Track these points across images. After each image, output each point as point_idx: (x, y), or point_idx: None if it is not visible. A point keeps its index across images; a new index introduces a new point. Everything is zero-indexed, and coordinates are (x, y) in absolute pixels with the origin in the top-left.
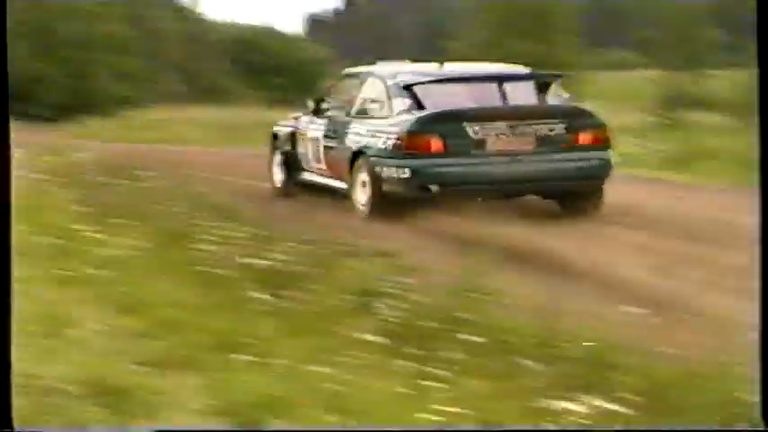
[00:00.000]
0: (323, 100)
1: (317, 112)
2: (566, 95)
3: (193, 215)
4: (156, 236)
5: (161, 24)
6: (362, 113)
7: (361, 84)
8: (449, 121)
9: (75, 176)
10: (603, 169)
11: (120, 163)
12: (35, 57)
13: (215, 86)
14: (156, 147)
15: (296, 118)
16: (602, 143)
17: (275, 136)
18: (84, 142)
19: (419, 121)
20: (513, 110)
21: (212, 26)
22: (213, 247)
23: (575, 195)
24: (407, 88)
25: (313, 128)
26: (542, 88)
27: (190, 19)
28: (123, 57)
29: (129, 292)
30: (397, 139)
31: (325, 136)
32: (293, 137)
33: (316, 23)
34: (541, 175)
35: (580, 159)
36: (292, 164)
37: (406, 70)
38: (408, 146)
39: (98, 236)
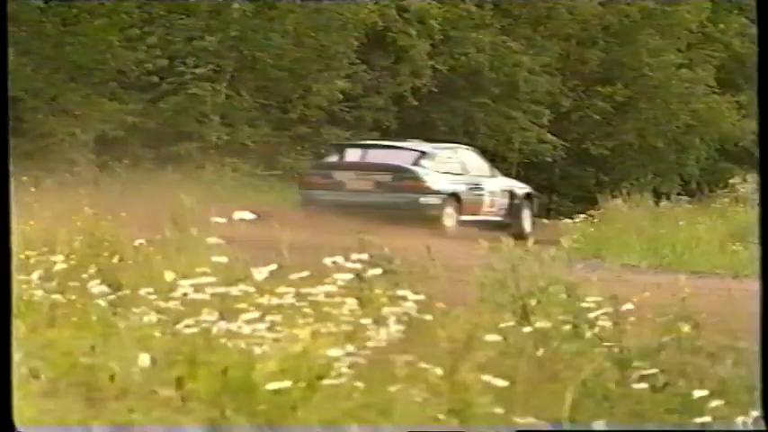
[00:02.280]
0: None
1: None
2: (428, 164)
3: None
4: None
5: None
6: None
7: None
8: (325, 170)
9: None
10: (414, 205)
11: None
12: None
13: None
14: None
15: None
16: (416, 189)
17: None
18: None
19: (314, 169)
20: (359, 165)
21: None
22: None
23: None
24: (338, 149)
25: None
26: (421, 156)
27: None
28: None
29: None
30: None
31: None
32: None
33: None
34: (374, 204)
35: (396, 197)
36: None
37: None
38: (302, 183)
39: None
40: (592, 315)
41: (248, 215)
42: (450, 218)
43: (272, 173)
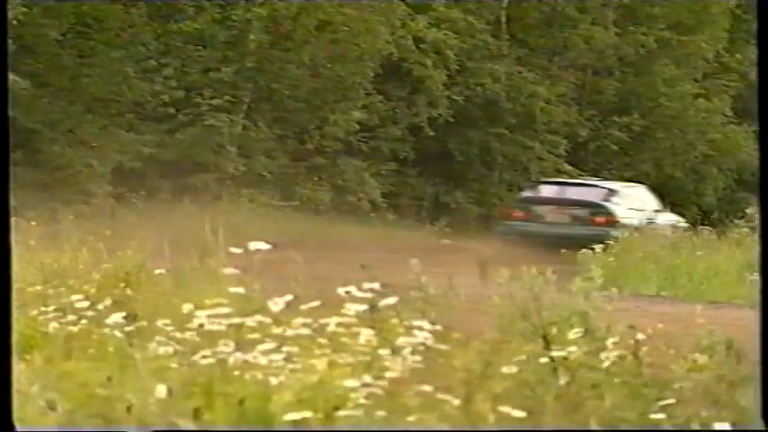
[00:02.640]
0: None
1: None
2: (621, 201)
3: None
4: None
5: None
6: None
7: None
8: (527, 204)
9: None
10: (605, 237)
11: None
12: None
13: None
14: None
15: None
16: (610, 223)
17: None
18: None
19: (515, 203)
20: (558, 200)
21: None
22: None
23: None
24: (534, 186)
25: None
26: (610, 193)
27: None
28: None
29: None
30: None
31: None
32: None
33: None
34: (570, 235)
35: (591, 230)
36: None
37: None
38: (502, 215)
39: None
40: (610, 345)
41: (263, 245)
42: None
43: (288, 203)
